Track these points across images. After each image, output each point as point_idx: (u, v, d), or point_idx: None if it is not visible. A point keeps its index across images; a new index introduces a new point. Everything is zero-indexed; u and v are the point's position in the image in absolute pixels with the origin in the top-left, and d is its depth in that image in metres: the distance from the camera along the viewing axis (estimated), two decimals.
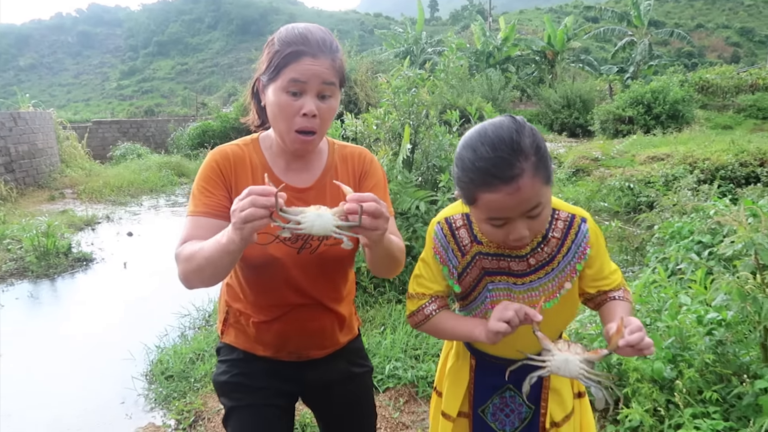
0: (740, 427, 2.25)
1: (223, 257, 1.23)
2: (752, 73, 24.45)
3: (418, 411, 3.01)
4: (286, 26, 1.40)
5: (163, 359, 3.69)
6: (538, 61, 27.74)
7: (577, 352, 1.21)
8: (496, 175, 1.12)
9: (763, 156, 8.65)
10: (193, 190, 1.43)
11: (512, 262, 1.36)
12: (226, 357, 1.59)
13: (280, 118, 1.36)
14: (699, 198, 5.02)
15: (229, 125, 17.33)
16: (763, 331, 2.38)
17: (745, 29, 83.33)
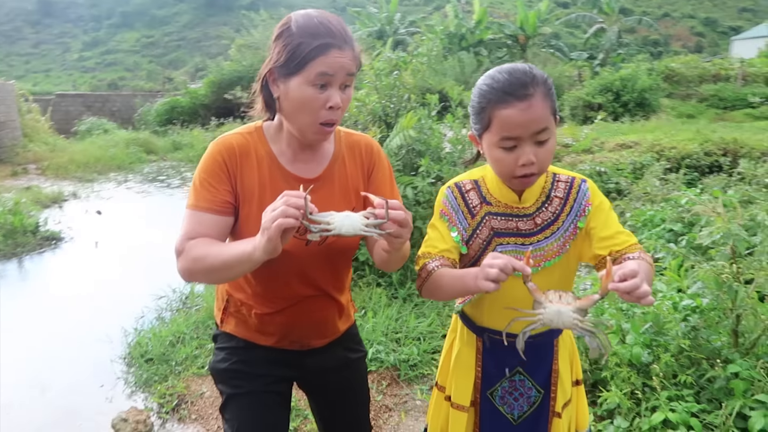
0: (712, 409, 2.37)
1: (244, 264, 1.24)
2: (715, 63, 25.05)
3: (401, 394, 3.07)
4: (298, 14, 1.35)
5: (141, 342, 3.66)
6: (510, 45, 27.84)
7: (568, 302, 1.19)
8: (512, 92, 1.28)
9: (726, 146, 8.91)
10: (195, 181, 1.40)
11: (520, 221, 1.43)
12: (224, 344, 1.59)
13: (304, 111, 1.33)
14: (668, 187, 5.18)
15: (199, 102, 17.00)
16: (735, 318, 2.50)
17: (709, 19, 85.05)
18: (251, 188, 1.41)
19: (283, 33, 1.33)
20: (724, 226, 2.38)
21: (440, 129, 5.38)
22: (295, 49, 1.29)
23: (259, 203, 1.38)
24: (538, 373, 1.53)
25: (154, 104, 17.80)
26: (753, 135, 9.59)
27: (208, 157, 1.41)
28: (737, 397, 2.26)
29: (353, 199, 1.50)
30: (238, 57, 17.67)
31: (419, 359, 3.28)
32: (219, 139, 1.44)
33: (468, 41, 27.08)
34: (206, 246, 1.32)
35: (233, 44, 19.23)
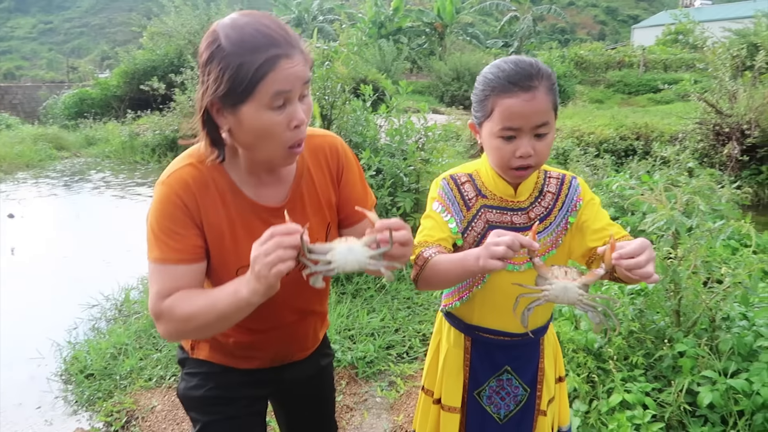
0: (662, 387, 2.51)
1: (242, 311, 1.13)
2: (619, 51, 26.51)
3: (360, 392, 3.05)
4: (224, 25, 1.12)
5: (79, 356, 3.42)
6: (429, 32, 28.20)
7: (574, 277, 1.19)
8: (517, 83, 1.28)
9: (639, 130, 9.47)
10: (155, 231, 1.21)
11: (514, 215, 1.44)
12: (196, 369, 1.47)
13: (267, 139, 1.15)
14: (597, 174, 5.43)
15: (111, 93, 16.02)
16: (677, 300, 2.65)
17: (610, 8, 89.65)
18: (219, 227, 1.26)
19: (214, 54, 1.11)
20: (667, 213, 2.51)
21: (375, 120, 5.36)
22: (237, 73, 1.08)
23: (233, 241, 1.28)
24: (525, 372, 1.55)
25: (61, 96, 16.63)
26: (661, 119, 10.24)
27: (162, 200, 1.22)
28: (685, 375, 2.41)
29: (327, 213, 1.41)
30: (151, 45, 16.80)
31: (376, 356, 3.28)
32: (169, 177, 1.23)
33: (387, 29, 27.19)
34: (191, 301, 1.18)
35: (144, 31, 18.25)
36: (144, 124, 12.73)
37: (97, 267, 5.27)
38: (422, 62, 26.02)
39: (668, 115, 10.91)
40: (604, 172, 5.45)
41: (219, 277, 1.30)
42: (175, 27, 16.40)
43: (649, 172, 4.89)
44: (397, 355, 3.36)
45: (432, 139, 5.21)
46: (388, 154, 5.00)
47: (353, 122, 5.22)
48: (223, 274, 1.29)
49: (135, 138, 12.15)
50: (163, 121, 11.52)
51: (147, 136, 11.87)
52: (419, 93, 20.96)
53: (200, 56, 1.15)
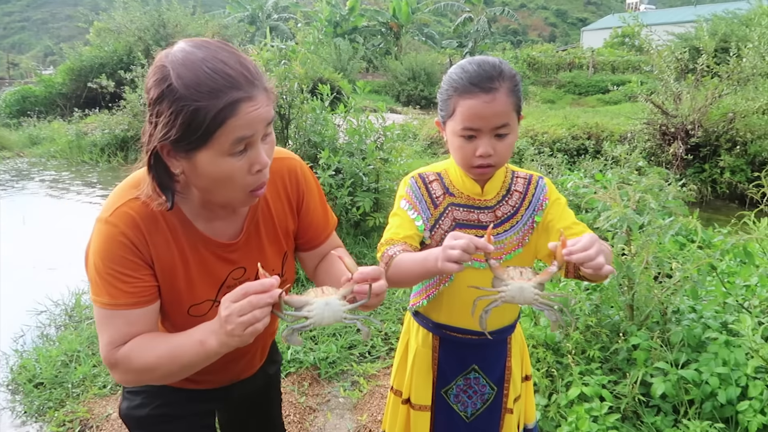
0: (618, 379, 2.59)
1: (210, 360, 1.07)
2: (570, 52, 27.22)
3: (323, 393, 3.03)
4: (175, 60, 0.99)
5: (27, 365, 3.28)
6: (384, 32, 28.28)
7: (529, 277, 1.20)
8: (478, 84, 1.30)
9: (590, 130, 9.75)
10: (101, 275, 1.10)
11: (481, 213, 1.46)
12: (138, 388, 1.39)
13: (227, 186, 1.07)
14: (552, 173, 5.56)
15: (56, 91, 15.41)
16: (630, 295, 2.75)
17: (560, 11, 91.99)
18: (171, 264, 1.17)
19: (164, 94, 0.99)
20: (620, 211, 2.59)
21: (333, 120, 5.35)
22: (192, 119, 0.97)
23: (186, 279, 1.20)
24: (492, 371, 1.57)
25: (1, 93, 15.90)
26: (610, 120, 10.55)
27: (108, 240, 1.10)
28: (639, 366, 2.49)
29: (284, 242, 1.35)
30: (99, 42, 16.26)
31: (338, 356, 3.27)
32: (112, 214, 1.10)
33: (343, 28, 27.14)
34: (150, 350, 1.09)
35: (91, 27, 17.65)
36: (92, 123, 12.30)
37: (45, 271, 5.07)
38: (378, 62, 26.08)
39: (617, 116, 11.26)
40: (558, 171, 5.58)
41: (170, 314, 1.24)
42: (123, 23, 15.92)
43: (602, 170, 5.04)
44: (359, 355, 3.36)
45: (390, 139, 5.24)
46: (348, 154, 5.00)
47: (312, 122, 5.20)
48: (175, 311, 1.23)
49: (83, 137, 11.72)
50: (112, 120, 11.15)
51: (95, 136, 11.47)
52: (376, 92, 21.00)
53: (147, 91, 1.02)
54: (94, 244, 1.12)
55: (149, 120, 1.03)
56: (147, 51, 13.01)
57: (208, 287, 1.24)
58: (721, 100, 7.82)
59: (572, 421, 2.31)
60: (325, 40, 19.78)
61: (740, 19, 13.48)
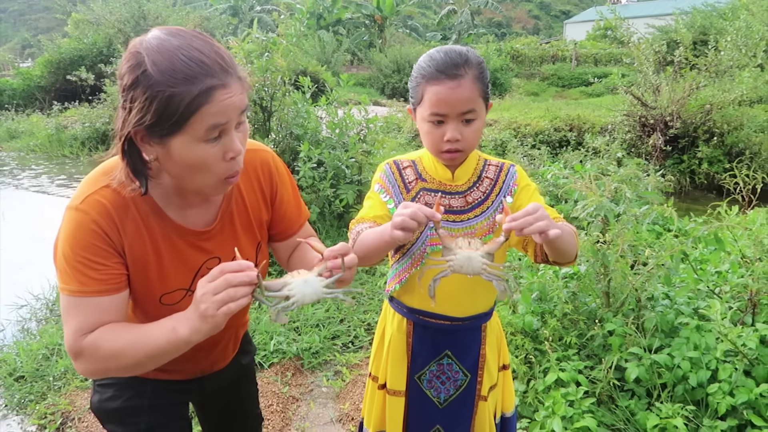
0: (594, 365, 2.66)
1: (179, 350, 1.05)
2: (553, 45, 27.36)
3: (306, 383, 3.06)
4: (149, 46, 1.00)
5: (7, 359, 3.27)
6: (368, 25, 28.18)
7: (477, 247, 1.23)
8: (444, 71, 1.35)
9: (572, 122, 9.84)
10: (70, 262, 1.09)
11: (452, 198, 1.49)
12: (111, 380, 1.38)
13: (200, 172, 1.08)
14: (534, 164, 5.62)
15: (34, 84, 15.22)
16: (606, 282, 2.81)
17: (543, 3, 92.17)
18: (142, 253, 1.17)
19: (138, 80, 0.99)
20: (596, 200, 2.65)
21: (316, 112, 5.35)
22: (167, 104, 0.98)
23: (158, 267, 1.20)
24: (466, 357, 1.60)
25: None
26: (592, 111, 10.66)
27: (78, 228, 1.09)
28: (614, 352, 2.55)
29: (257, 232, 1.36)
30: (77, 34, 16.06)
31: (321, 346, 3.30)
32: (83, 202, 1.10)
33: (326, 20, 27.00)
34: (118, 336, 1.07)
35: (69, 19, 17.42)
36: (72, 116, 12.17)
37: (26, 265, 5.03)
38: (362, 54, 26.00)
39: (599, 108, 11.38)
40: (540, 162, 5.65)
41: (141, 303, 1.24)
42: (102, 14, 15.77)
43: (582, 161, 5.11)
44: (342, 345, 3.39)
45: (373, 131, 5.25)
46: (330, 147, 5.00)
47: (294, 114, 5.19)
48: (147, 301, 1.23)
49: (62, 131, 11.58)
50: (93, 113, 11.04)
51: (76, 129, 11.35)
52: (360, 85, 20.94)
53: (121, 77, 1.03)
54: (64, 232, 1.11)
55: (123, 106, 1.03)
56: (127, 43, 12.85)
57: (182, 276, 1.24)
58: (699, 91, 7.93)
59: (549, 405, 2.36)
60: (308, 32, 19.65)
61: (719, 12, 13.65)
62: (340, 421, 2.76)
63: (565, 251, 1.37)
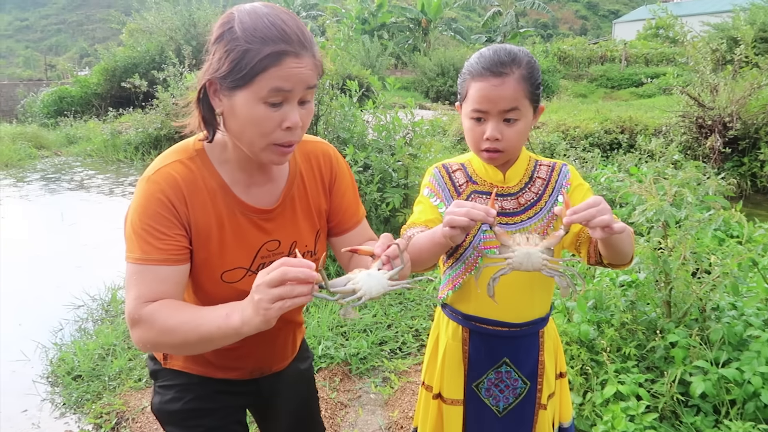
0: (655, 377, 2.53)
1: (228, 338, 1.04)
2: (602, 45, 26.71)
3: (354, 389, 3.03)
4: (242, 10, 1.10)
5: (65, 358, 3.36)
6: (413, 28, 28.17)
7: (536, 242, 1.19)
8: (489, 68, 1.33)
9: (623, 123, 9.55)
10: (136, 230, 1.14)
11: (504, 201, 1.46)
12: (171, 382, 1.41)
13: (255, 132, 1.11)
14: (586, 167, 5.46)
15: (91, 91, 15.78)
16: (668, 291, 2.68)
17: (591, 3, 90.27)
18: (207, 228, 1.21)
19: (224, 35, 1.09)
20: (657, 204, 2.53)
21: (362, 116, 5.34)
22: (241, 58, 1.05)
23: (220, 245, 1.23)
24: (524, 365, 1.54)
25: (40, 94, 16.35)
26: (644, 113, 10.32)
27: (147, 197, 1.15)
28: (677, 365, 2.43)
29: (317, 220, 1.37)
30: (132, 42, 16.59)
31: (369, 351, 3.27)
32: (156, 174, 1.17)
33: (371, 25, 27.13)
34: (176, 313, 1.08)
35: (124, 29, 18.03)
36: (126, 122, 12.56)
37: (82, 267, 5.20)
38: (406, 58, 25.99)
39: (651, 109, 11.01)
40: (592, 165, 5.48)
41: (201, 280, 1.25)
42: (155, 23, 16.22)
43: (637, 164, 4.92)
44: (390, 351, 3.35)
45: (419, 135, 5.21)
46: (376, 150, 4.99)
47: (341, 118, 5.20)
48: (206, 277, 1.24)
49: (117, 136, 11.97)
50: (145, 119, 11.36)
51: (129, 134, 11.71)
52: (404, 89, 20.95)
53: (212, 34, 1.13)
54: (134, 201, 1.17)
55: (206, 59, 1.13)
56: (178, 50, 13.21)
57: (243, 255, 1.26)
58: (761, 91, 7.57)
59: (608, 420, 2.26)
60: (354, 36, 19.78)
61: None
62: (389, 429, 2.71)
63: (623, 251, 1.31)
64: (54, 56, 38.84)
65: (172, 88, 10.37)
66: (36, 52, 54.80)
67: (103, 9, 65.96)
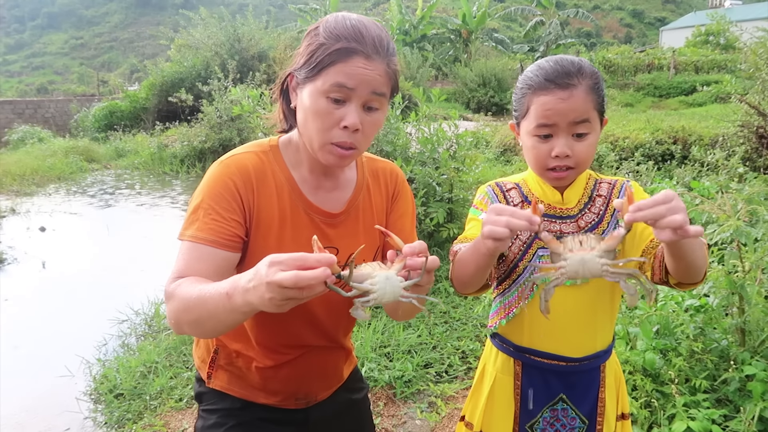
0: (729, 413, 2.31)
1: (235, 317, 0.96)
2: (649, 53, 25.99)
3: (399, 414, 2.90)
4: (334, 15, 1.15)
5: (108, 374, 3.34)
6: (453, 39, 28.04)
7: (592, 246, 1.04)
8: (554, 80, 1.23)
9: (676, 134, 9.16)
10: (195, 206, 1.15)
11: (563, 224, 1.33)
12: (215, 406, 1.37)
13: (314, 126, 1.12)
14: (640, 180, 5.20)
15: (139, 105, 16.24)
16: (742, 318, 2.45)
17: (636, 11, 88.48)
18: (269, 220, 1.20)
19: (310, 33, 1.15)
20: (733, 223, 2.32)
21: (405, 128, 5.24)
22: (314, 52, 1.10)
23: (278, 239, 1.21)
24: (583, 402, 1.40)
25: (91, 109, 16.90)
26: (698, 123, 9.90)
27: (217, 179, 1.17)
28: (755, 399, 2.21)
29: (377, 237, 1.34)
30: (179, 57, 17.00)
31: (414, 375, 3.12)
32: (230, 159, 1.20)
33: (412, 37, 27.12)
34: (190, 288, 1.02)
35: (172, 44, 18.48)
36: (172, 135, 12.83)
37: (128, 280, 5.23)
38: (447, 69, 25.84)
39: (705, 118, 10.56)
40: (647, 178, 5.22)
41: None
42: (201, 39, 16.57)
43: (695, 177, 4.66)
44: (436, 374, 3.20)
45: (463, 147, 5.06)
46: (420, 163, 4.86)
47: (384, 131, 5.10)
48: None
49: (164, 149, 12.23)
50: (191, 132, 11.56)
51: (175, 148, 11.94)
52: (446, 100, 20.81)
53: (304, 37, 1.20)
54: (202, 182, 1.19)
55: (293, 57, 1.19)
56: (223, 65, 13.44)
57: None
58: None
59: None
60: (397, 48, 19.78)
61: None
62: None
63: (696, 264, 1.10)
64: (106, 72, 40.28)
65: (216, 102, 10.51)
66: (90, 68, 57.00)
67: (153, 26, 68.26)
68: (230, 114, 10.51)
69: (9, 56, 75.88)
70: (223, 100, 10.57)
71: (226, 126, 10.89)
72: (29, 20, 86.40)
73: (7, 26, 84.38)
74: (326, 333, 1.34)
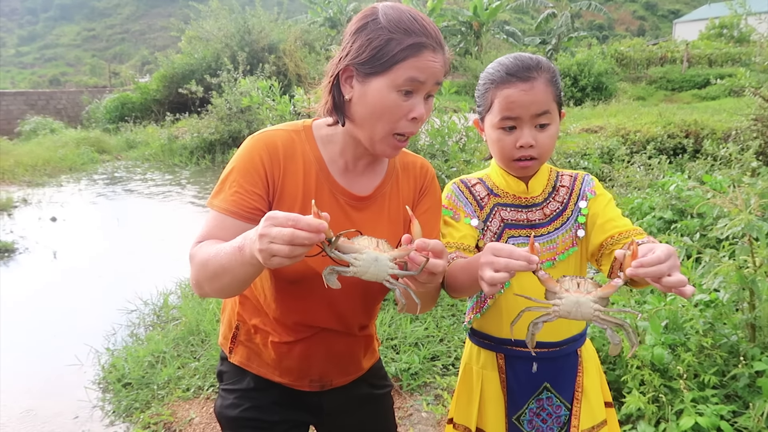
0: (738, 409, 2.29)
1: (245, 269, 1.02)
2: (662, 46, 25.70)
3: (405, 406, 2.90)
4: (386, 6, 1.17)
5: (116, 364, 3.37)
6: (464, 32, 27.85)
7: (588, 290, 1.04)
8: (515, 74, 1.29)
9: (688, 128, 9.06)
10: (224, 177, 1.21)
11: (529, 212, 1.40)
12: (234, 386, 1.41)
13: (382, 118, 1.16)
14: (652, 174, 5.15)
15: (151, 97, 16.30)
16: (753, 313, 2.42)
17: (649, 3, 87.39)
18: (293, 195, 1.23)
19: (368, 25, 1.15)
20: (745, 218, 2.29)
21: None
22: (384, 46, 1.12)
23: (301, 214, 1.20)
24: (565, 388, 1.43)
25: (103, 100, 16.99)
26: (710, 116, 9.80)
27: (246, 154, 1.22)
28: (765, 396, 2.19)
29: (402, 228, 1.33)
30: (189, 49, 17.02)
31: (420, 367, 3.12)
32: (261, 135, 1.25)
33: None
34: (207, 247, 1.11)
35: (183, 36, 18.50)
36: (182, 127, 12.88)
37: (137, 271, 5.26)
38: (457, 62, 25.70)
39: (718, 112, 10.45)
40: (659, 172, 5.16)
41: None
42: (212, 31, 16.57)
43: (708, 171, 4.61)
44: (442, 367, 3.20)
45: (473, 139, 5.04)
46: (429, 155, 4.85)
47: None
48: None
49: (174, 141, 12.28)
50: (201, 124, 11.60)
51: (185, 139, 11.99)
52: (456, 93, 20.71)
53: (350, 25, 1.19)
54: (236, 154, 1.24)
55: (343, 49, 1.18)
56: (233, 57, 13.43)
57: None
58: None
59: None
60: None
61: None
62: None
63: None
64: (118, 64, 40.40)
65: (226, 94, 10.52)
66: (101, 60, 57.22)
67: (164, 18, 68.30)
68: (240, 105, 10.54)
69: (22, 48, 76.40)
70: (233, 91, 10.59)
71: (236, 118, 10.92)
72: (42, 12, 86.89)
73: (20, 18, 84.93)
74: (342, 318, 1.34)
